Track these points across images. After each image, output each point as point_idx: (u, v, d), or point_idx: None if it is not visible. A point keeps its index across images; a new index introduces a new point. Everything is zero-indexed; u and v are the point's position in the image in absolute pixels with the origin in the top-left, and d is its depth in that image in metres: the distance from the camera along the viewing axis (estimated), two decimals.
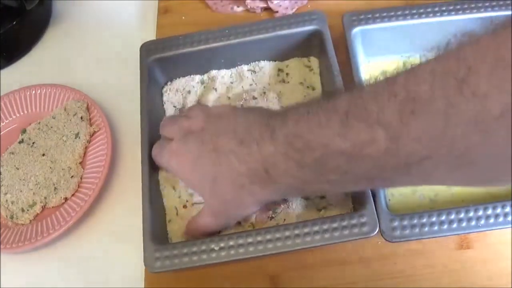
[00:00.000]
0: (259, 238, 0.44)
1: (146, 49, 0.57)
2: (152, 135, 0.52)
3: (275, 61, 0.60)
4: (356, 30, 0.55)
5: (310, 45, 0.57)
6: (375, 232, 0.43)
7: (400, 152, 0.28)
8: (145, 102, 0.54)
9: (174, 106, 0.59)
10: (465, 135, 0.26)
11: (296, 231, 0.44)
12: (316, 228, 0.44)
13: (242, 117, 0.42)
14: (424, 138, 0.27)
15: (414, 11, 0.55)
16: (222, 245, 0.44)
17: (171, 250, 0.45)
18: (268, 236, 0.44)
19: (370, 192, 0.45)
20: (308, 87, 0.57)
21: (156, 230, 0.48)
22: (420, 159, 0.28)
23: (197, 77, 0.60)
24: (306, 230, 0.44)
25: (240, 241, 0.44)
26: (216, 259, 0.44)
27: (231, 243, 0.44)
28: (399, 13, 0.55)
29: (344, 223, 0.44)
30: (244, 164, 0.38)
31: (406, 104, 0.27)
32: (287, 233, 0.44)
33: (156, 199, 0.50)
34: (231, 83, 0.59)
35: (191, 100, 0.58)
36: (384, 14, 0.55)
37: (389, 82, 0.29)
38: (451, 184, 0.33)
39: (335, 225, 0.44)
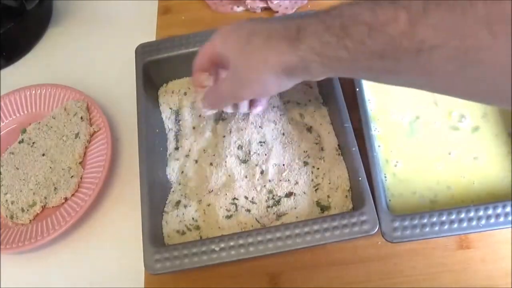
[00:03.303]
0: (259, 238, 0.44)
1: (142, 51, 0.57)
2: (149, 137, 0.52)
3: None
4: None
5: None
6: (376, 230, 0.43)
7: (415, 35, 0.31)
8: (142, 104, 0.54)
9: (170, 108, 0.59)
10: (476, 32, 0.29)
11: (297, 230, 0.44)
12: (316, 227, 0.44)
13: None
14: (439, 27, 0.30)
15: None
16: (222, 245, 0.44)
17: (171, 251, 0.45)
18: (269, 236, 0.44)
19: (370, 192, 0.45)
20: (306, 84, 0.57)
21: (156, 232, 0.48)
22: (431, 47, 0.31)
23: None
24: (306, 229, 0.44)
25: (241, 241, 0.44)
26: (216, 260, 0.44)
27: (232, 243, 0.44)
28: None
29: (344, 221, 0.44)
30: (281, 23, 0.41)
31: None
32: (287, 233, 0.44)
33: (155, 200, 0.50)
34: None
35: (187, 102, 0.58)
36: None
37: None
38: (455, 90, 0.36)
39: (335, 223, 0.44)
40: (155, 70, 0.58)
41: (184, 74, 0.60)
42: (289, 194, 0.50)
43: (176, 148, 0.56)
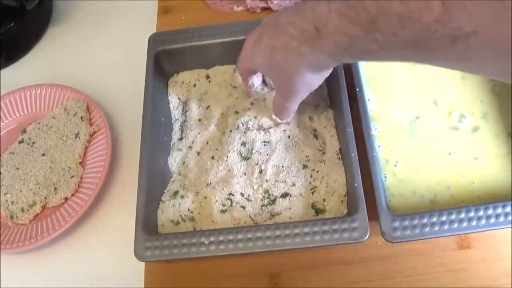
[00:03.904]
0: (249, 235, 0.44)
1: (154, 40, 0.58)
2: (154, 125, 0.53)
3: None
4: None
5: None
6: (366, 238, 0.43)
7: (450, 23, 0.29)
8: (149, 92, 0.54)
9: (179, 98, 0.59)
10: None
11: (287, 231, 0.44)
12: (307, 229, 0.44)
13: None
14: (476, 13, 0.28)
15: None
16: (212, 239, 0.45)
17: (162, 241, 0.45)
18: (259, 234, 0.44)
19: (364, 199, 0.45)
20: None
21: (150, 220, 0.49)
22: (467, 34, 0.29)
23: (203, 71, 0.60)
24: (297, 230, 0.44)
25: (231, 236, 0.45)
26: (205, 253, 0.44)
27: (221, 238, 0.45)
28: None
29: (335, 226, 0.44)
30: (296, 27, 0.40)
31: None
32: (277, 232, 0.44)
33: (153, 188, 0.51)
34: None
35: (195, 94, 0.59)
36: None
37: None
38: (489, 72, 0.34)
39: (326, 228, 0.44)
40: (166, 60, 0.58)
41: (195, 65, 0.60)
42: (285, 195, 0.50)
43: (180, 139, 0.56)
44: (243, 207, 0.50)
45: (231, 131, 0.54)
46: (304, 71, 0.42)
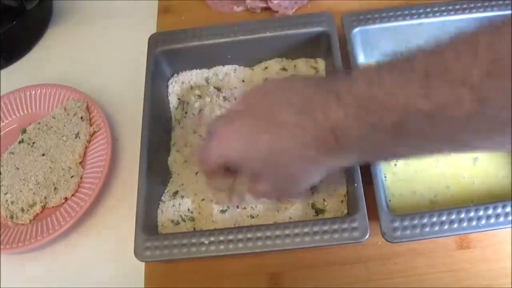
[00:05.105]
0: (249, 235, 0.44)
1: (155, 40, 0.58)
2: (154, 125, 0.53)
3: (282, 59, 0.60)
4: (356, 30, 0.55)
5: (317, 46, 0.57)
6: (366, 238, 0.43)
7: (485, 115, 0.26)
8: (149, 92, 0.54)
9: (179, 99, 0.59)
10: None
11: (287, 231, 0.44)
12: (307, 229, 0.44)
13: (293, 87, 0.38)
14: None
15: (414, 11, 0.55)
16: (212, 239, 0.45)
17: (162, 240, 0.45)
18: (259, 234, 0.44)
19: (364, 199, 0.45)
20: None
21: (150, 220, 0.49)
22: (507, 125, 0.26)
23: (203, 71, 0.60)
24: (297, 230, 0.44)
25: (231, 236, 0.45)
26: (205, 253, 0.44)
27: (222, 238, 0.45)
28: (398, 13, 0.55)
29: (335, 226, 0.44)
30: (309, 133, 0.34)
31: (496, 65, 0.25)
32: (277, 232, 0.44)
33: (153, 188, 0.51)
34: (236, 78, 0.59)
35: (194, 93, 0.59)
36: (384, 14, 0.55)
37: (471, 41, 0.26)
38: None
39: (326, 228, 0.44)
40: (166, 60, 0.58)
41: (195, 65, 0.60)
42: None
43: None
44: (244, 207, 0.50)
45: None
46: (319, 172, 0.38)
